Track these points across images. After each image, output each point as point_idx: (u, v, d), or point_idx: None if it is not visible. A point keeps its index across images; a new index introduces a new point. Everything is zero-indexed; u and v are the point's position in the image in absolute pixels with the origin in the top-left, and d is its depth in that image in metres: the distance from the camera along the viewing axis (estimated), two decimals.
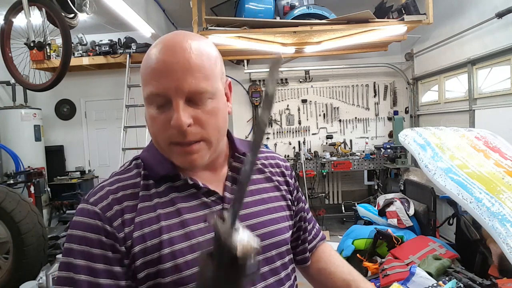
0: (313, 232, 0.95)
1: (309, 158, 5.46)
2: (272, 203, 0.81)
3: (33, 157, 4.94)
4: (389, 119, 5.88)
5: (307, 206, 0.95)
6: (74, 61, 4.74)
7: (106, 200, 0.67)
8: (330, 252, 0.96)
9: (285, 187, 0.86)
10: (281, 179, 0.86)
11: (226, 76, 0.77)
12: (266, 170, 0.85)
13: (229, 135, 0.82)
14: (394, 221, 3.32)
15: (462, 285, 2.02)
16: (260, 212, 0.77)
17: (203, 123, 0.66)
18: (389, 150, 5.11)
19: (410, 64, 5.55)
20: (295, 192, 0.89)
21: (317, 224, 0.99)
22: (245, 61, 5.52)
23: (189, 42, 0.66)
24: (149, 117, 0.68)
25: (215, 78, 0.68)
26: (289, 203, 0.85)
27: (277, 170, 0.88)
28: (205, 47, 0.68)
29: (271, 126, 5.90)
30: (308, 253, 0.93)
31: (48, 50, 4.57)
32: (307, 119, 5.91)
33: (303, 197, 0.94)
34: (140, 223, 0.66)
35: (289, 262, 0.81)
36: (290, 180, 0.88)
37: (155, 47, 0.67)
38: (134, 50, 4.89)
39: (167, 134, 0.66)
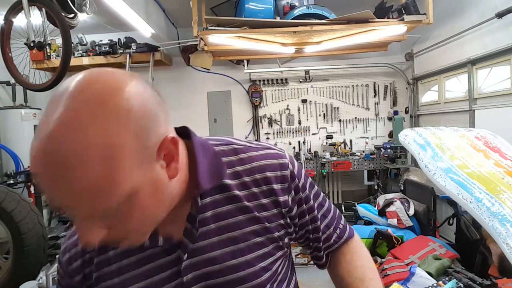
0: (332, 238, 0.82)
1: (309, 158, 5.45)
2: (247, 242, 0.67)
3: None
4: (389, 119, 5.88)
5: (321, 213, 0.79)
6: (74, 61, 4.74)
7: (72, 238, 0.73)
8: (352, 256, 0.82)
9: (273, 211, 0.70)
10: (266, 201, 0.69)
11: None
12: (242, 194, 0.68)
13: (195, 161, 0.65)
14: (394, 221, 3.33)
15: (462, 285, 2.02)
16: (225, 256, 0.65)
17: (121, 228, 0.53)
18: (389, 150, 5.11)
19: (410, 64, 5.55)
20: (295, 208, 0.73)
21: (341, 225, 0.84)
22: (245, 61, 5.51)
23: (58, 160, 0.44)
24: None
25: (118, 190, 0.48)
26: (276, 234, 0.70)
27: (264, 188, 0.69)
28: (86, 157, 0.44)
29: (271, 126, 5.90)
30: (323, 259, 0.84)
31: (48, 50, 4.56)
32: (307, 119, 5.91)
33: (316, 203, 0.78)
34: (97, 278, 0.69)
35: None
36: (282, 199, 0.70)
37: (34, 137, 0.47)
38: (134, 50, 4.89)
39: None
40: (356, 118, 5.90)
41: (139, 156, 0.49)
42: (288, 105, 5.89)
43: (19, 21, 2.85)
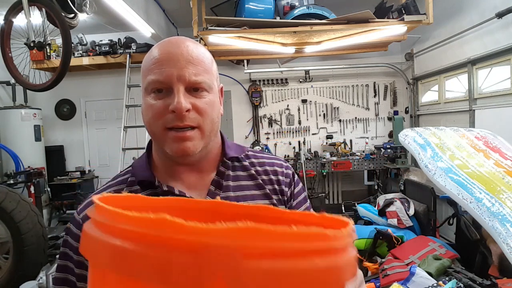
0: None
1: (309, 158, 5.45)
2: None
3: (33, 157, 4.94)
4: (389, 119, 5.88)
5: None
6: (74, 61, 4.74)
7: (87, 209, 0.73)
8: None
9: (278, 196, 0.82)
10: (273, 187, 0.82)
11: (220, 74, 0.81)
12: (258, 177, 0.81)
13: (222, 138, 0.82)
14: (394, 221, 3.33)
15: (462, 285, 2.02)
16: None
17: (200, 110, 0.69)
18: (389, 150, 5.11)
19: (410, 64, 5.55)
20: (292, 201, 0.84)
21: None
22: (245, 61, 5.51)
23: (189, 42, 0.71)
24: (146, 106, 0.70)
25: (212, 75, 0.73)
26: None
27: (272, 177, 0.83)
28: (203, 49, 0.73)
29: (271, 126, 5.90)
30: None
31: (48, 50, 4.57)
32: (307, 119, 5.91)
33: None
34: None
35: None
36: (285, 189, 0.83)
37: (158, 44, 0.72)
38: (134, 50, 4.89)
39: (163, 120, 0.68)
40: (356, 118, 5.90)
41: (216, 74, 0.75)
42: (288, 105, 5.89)
43: (19, 21, 2.85)
